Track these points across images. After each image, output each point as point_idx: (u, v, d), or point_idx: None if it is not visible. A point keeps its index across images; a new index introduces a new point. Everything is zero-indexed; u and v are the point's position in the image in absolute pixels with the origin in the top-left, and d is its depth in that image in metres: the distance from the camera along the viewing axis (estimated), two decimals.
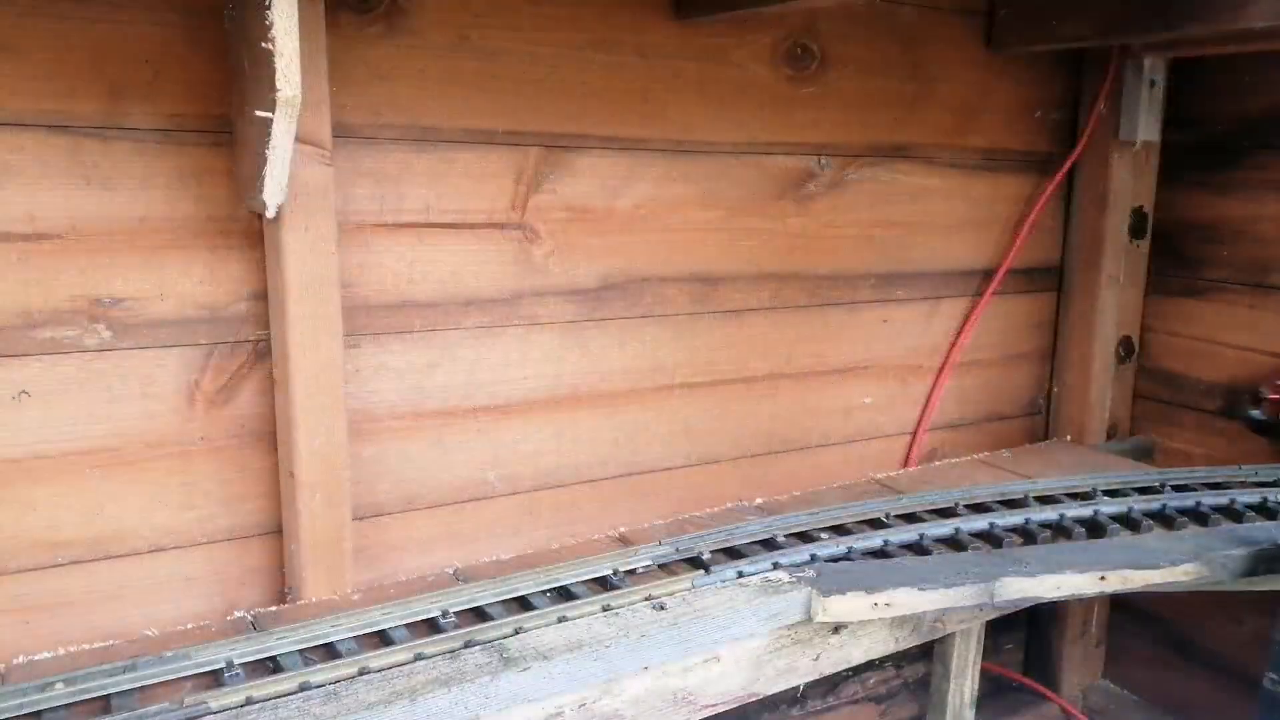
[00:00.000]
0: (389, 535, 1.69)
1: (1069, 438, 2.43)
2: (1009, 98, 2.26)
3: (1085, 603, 2.49)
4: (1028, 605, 1.63)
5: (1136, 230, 2.37)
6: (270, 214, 1.37)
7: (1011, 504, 1.79)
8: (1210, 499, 1.82)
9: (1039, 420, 2.51)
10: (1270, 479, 1.92)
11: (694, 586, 1.48)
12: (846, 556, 1.59)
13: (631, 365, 1.88)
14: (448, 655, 1.28)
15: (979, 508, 1.77)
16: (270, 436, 1.55)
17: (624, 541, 1.72)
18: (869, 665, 2.31)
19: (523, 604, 1.43)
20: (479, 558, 1.73)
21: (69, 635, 1.42)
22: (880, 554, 1.61)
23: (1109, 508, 1.78)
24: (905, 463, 2.29)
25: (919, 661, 2.45)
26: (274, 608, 1.53)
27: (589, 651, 1.31)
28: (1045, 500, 1.82)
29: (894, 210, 2.15)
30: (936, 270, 2.24)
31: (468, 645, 1.30)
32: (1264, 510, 1.80)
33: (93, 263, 1.39)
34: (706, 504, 1.96)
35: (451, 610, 1.39)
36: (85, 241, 1.38)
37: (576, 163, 1.75)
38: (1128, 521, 1.76)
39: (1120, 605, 2.53)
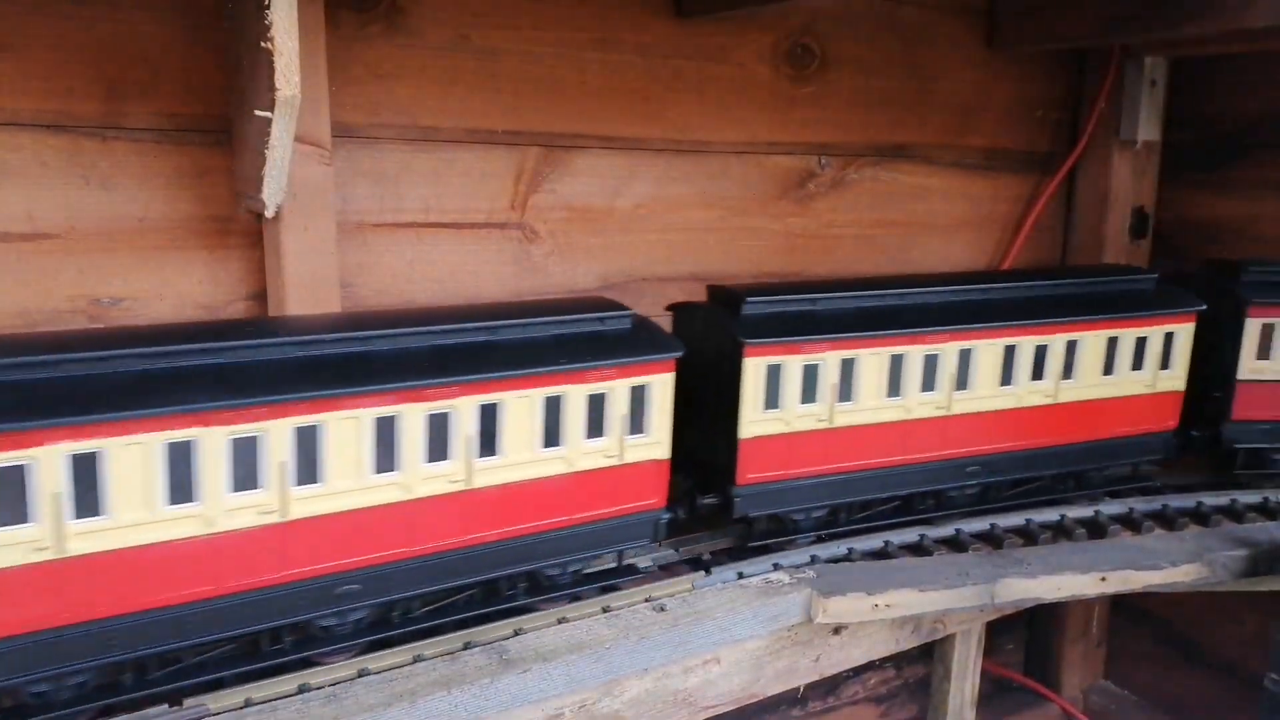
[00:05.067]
0: None
1: None
2: (1009, 97, 2.25)
3: (1086, 603, 2.49)
4: (1028, 606, 1.63)
5: (1137, 230, 2.36)
6: (270, 214, 1.37)
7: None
8: (1210, 499, 1.82)
9: None
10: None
11: (694, 588, 1.47)
12: (847, 557, 1.59)
13: None
14: (447, 657, 1.28)
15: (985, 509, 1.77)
16: None
17: None
18: (869, 666, 2.31)
19: (523, 605, 1.43)
20: None
21: None
22: (881, 555, 1.61)
23: (1110, 508, 1.78)
24: None
25: (919, 662, 2.45)
26: None
27: (589, 653, 1.30)
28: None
29: (894, 210, 2.14)
30: (937, 270, 2.23)
31: (467, 647, 1.30)
32: (1264, 510, 1.80)
33: (92, 263, 1.39)
34: None
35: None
36: (84, 241, 1.38)
37: (576, 162, 1.75)
38: (1128, 522, 1.76)
39: (1121, 605, 2.53)
